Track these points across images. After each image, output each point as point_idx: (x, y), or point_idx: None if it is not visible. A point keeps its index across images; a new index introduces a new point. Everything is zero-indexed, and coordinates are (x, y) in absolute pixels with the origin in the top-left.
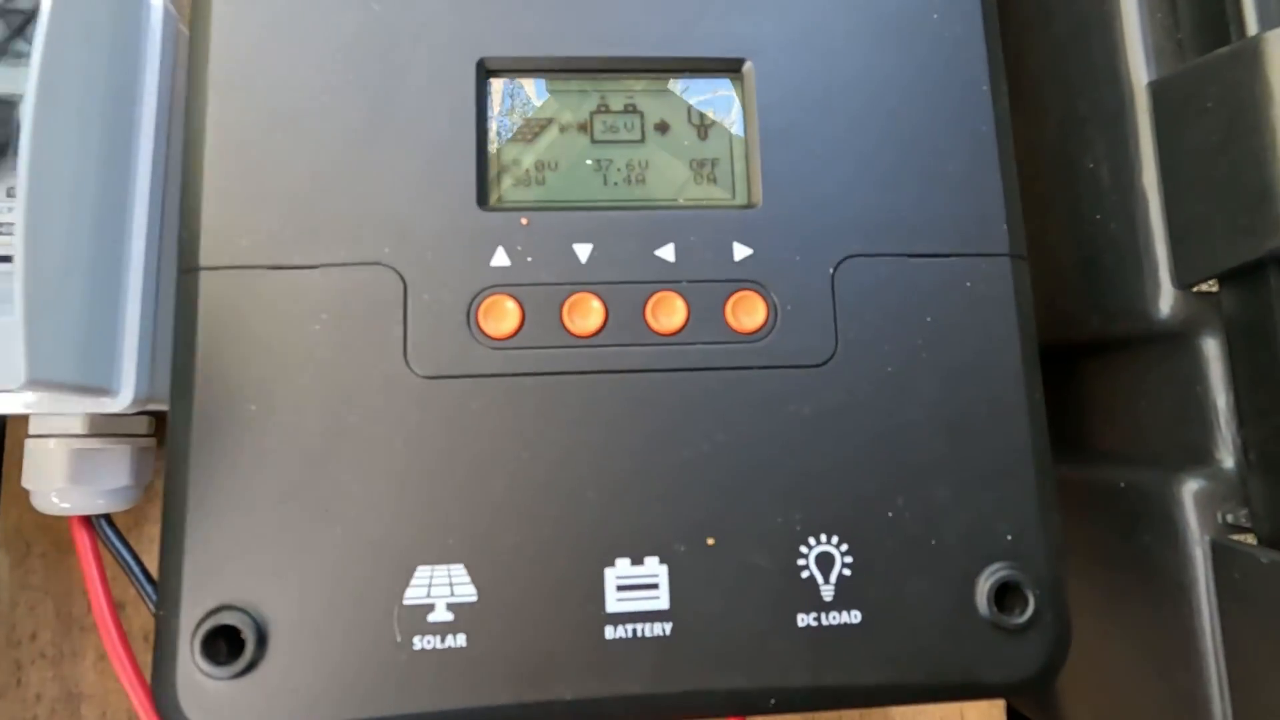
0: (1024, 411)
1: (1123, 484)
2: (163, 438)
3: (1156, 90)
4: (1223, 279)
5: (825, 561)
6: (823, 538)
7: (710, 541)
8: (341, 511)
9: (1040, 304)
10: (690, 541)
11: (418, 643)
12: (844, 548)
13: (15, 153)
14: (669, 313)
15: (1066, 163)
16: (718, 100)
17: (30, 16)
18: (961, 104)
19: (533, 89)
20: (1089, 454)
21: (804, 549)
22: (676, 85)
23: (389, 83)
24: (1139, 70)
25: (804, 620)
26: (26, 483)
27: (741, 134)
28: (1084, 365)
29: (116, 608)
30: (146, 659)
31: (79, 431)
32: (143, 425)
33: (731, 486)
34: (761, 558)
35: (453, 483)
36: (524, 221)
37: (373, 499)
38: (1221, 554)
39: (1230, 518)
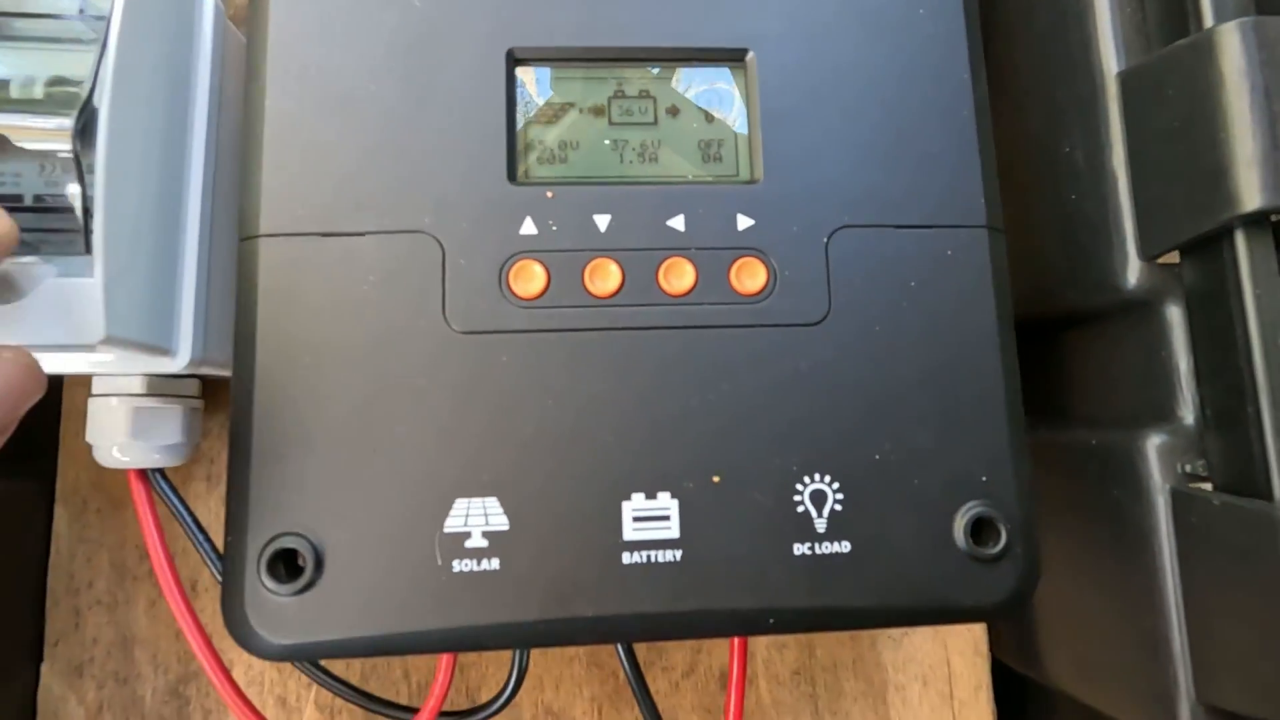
0: (998, 366)
1: (1095, 442)
2: (210, 402)
3: (1125, 79)
4: (1183, 251)
5: (818, 498)
6: (816, 476)
7: (716, 479)
8: (388, 450)
9: (1024, 281)
10: (698, 479)
11: (456, 565)
12: (835, 486)
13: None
14: (679, 276)
15: (1047, 148)
16: (723, 87)
17: None
18: (944, 90)
19: (556, 76)
20: (1067, 419)
21: (799, 486)
22: (686, 73)
23: (428, 71)
24: (1110, 61)
25: (799, 549)
26: (90, 438)
27: (744, 117)
28: (1063, 337)
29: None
30: (196, 605)
31: (138, 391)
32: (194, 388)
33: (735, 431)
34: (762, 493)
35: (486, 425)
36: (549, 195)
37: (415, 439)
38: (1180, 500)
39: (1189, 468)
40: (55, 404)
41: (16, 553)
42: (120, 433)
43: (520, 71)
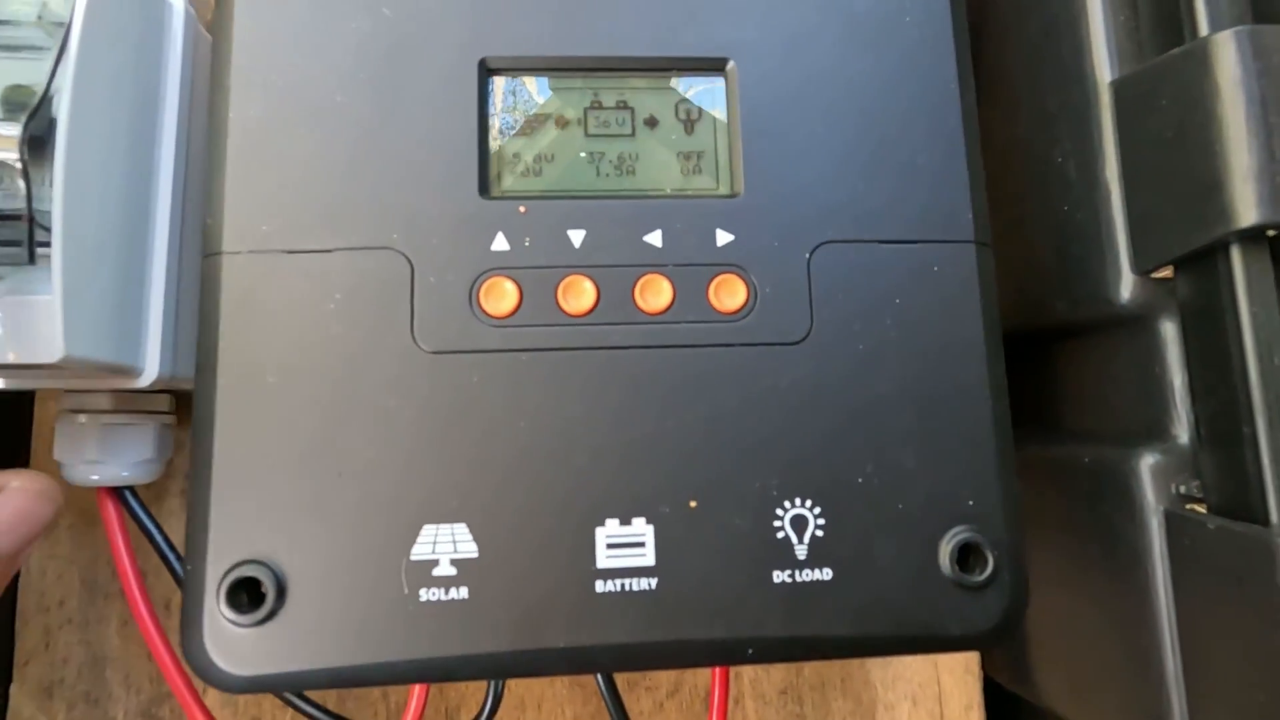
0: (986, 387)
1: (1087, 460)
2: (182, 416)
3: (1118, 88)
4: (1177, 265)
5: (799, 523)
6: (797, 501)
7: (693, 504)
8: (354, 475)
9: (1015, 292)
10: (674, 504)
11: (423, 595)
12: (817, 510)
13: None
14: (656, 294)
15: (1039, 158)
16: (703, 97)
17: None
18: (931, 100)
19: (531, 86)
20: (1058, 434)
21: (780, 511)
22: (665, 83)
23: (398, 81)
24: (1103, 69)
25: (779, 576)
26: (58, 455)
27: (725, 128)
28: (1055, 350)
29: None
30: (168, 624)
31: (107, 407)
32: (164, 403)
33: (713, 454)
34: (740, 519)
35: (456, 449)
36: (522, 209)
37: (382, 463)
38: (1174, 523)
39: (1184, 489)
40: (25, 418)
41: (10, 580)
42: (89, 450)
43: (494, 81)
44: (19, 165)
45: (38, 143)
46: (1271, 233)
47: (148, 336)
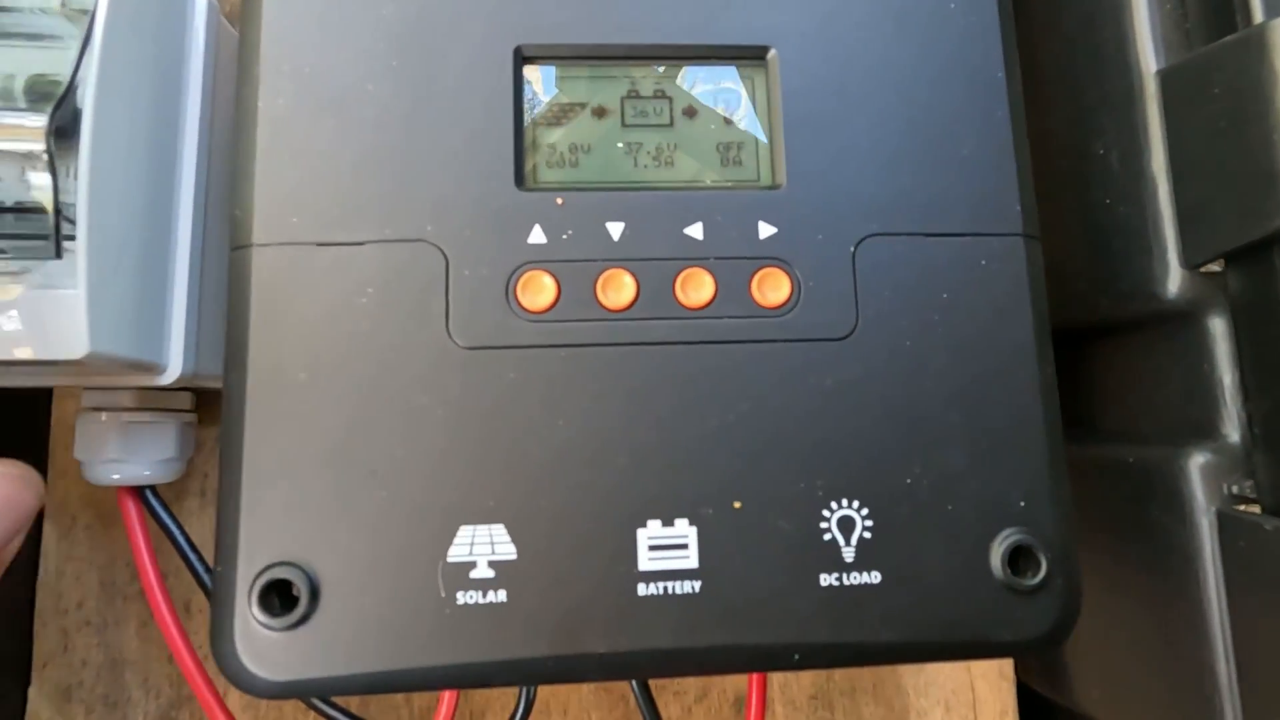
0: (1035, 384)
1: (1131, 459)
2: (203, 414)
3: (1165, 78)
4: (1228, 259)
5: (846, 525)
6: (844, 502)
7: (737, 505)
8: (388, 474)
9: (1052, 287)
10: (718, 505)
11: (460, 598)
12: (864, 512)
13: (76, 137)
14: (697, 288)
15: (1077, 149)
16: (743, 86)
17: None
18: (977, 90)
19: (566, 75)
20: (1100, 433)
21: (826, 513)
22: (705, 72)
23: (430, 70)
24: (1148, 59)
25: (826, 580)
26: (79, 454)
27: (766, 118)
28: (1095, 347)
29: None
30: (188, 625)
31: (128, 405)
32: (186, 401)
33: (757, 453)
34: (785, 520)
35: (493, 448)
36: (559, 201)
37: (417, 463)
38: (1227, 524)
39: (1235, 489)
40: (44, 416)
41: (3, 571)
42: (110, 449)
43: (528, 70)
44: (45, 157)
45: (62, 134)
46: None
47: (171, 332)
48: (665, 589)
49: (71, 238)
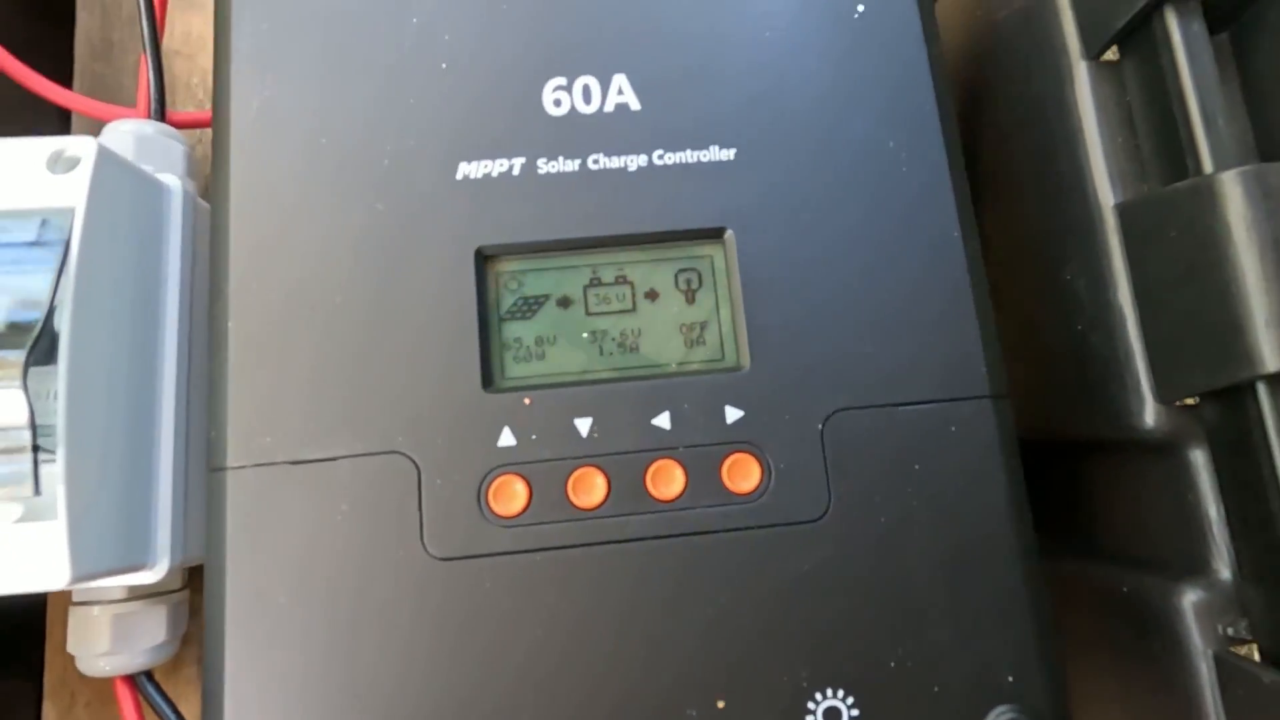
0: (1016, 550)
1: (1126, 589)
2: (197, 582)
3: (1123, 213)
4: (1203, 396)
5: (832, 716)
6: (829, 692)
7: (720, 704)
8: (370, 692)
9: (1038, 399)
10: (701, 705)
11: None
12: (850, 700)
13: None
14: (668, 480)
15: (1048, 270)
16: (702, 267)
17: None
18: (934, 253)
19: (528, 269)
20: (1095, 551)
21: (811, 705)
22: (663, 255)
23: (395, 276)
24: (1105, 193)
25: None
26: (72, 649)
27: (728, 297)
28: (1085, 461)
29: None
30: None
31: (119, 597)
32: (178, 581)
33: (738, 647)
34: (771, 716)
35: (472, 659)
36: (527, 401)
37: (398, 679)
38: (1225, 670)
39: (1231, 630)
40: (40, 597)
41: None
42: (103, 642)
43: (490, 269)
44: (23, 396)
45: (42, 355)
46: None
47: (157, 532)
48: None
49: (51, 457)
